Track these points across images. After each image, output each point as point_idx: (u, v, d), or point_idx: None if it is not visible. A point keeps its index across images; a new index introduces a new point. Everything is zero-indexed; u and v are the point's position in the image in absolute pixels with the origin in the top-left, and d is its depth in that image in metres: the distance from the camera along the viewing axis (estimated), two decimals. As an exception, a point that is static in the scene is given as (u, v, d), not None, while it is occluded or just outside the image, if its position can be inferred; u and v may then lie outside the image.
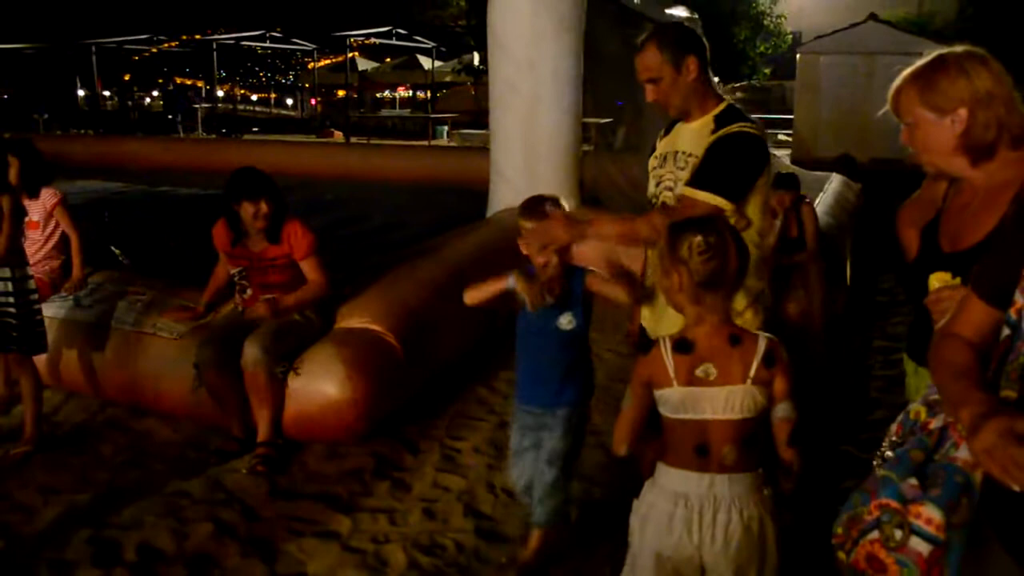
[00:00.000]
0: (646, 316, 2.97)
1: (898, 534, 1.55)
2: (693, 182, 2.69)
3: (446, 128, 23.66)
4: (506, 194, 6.85)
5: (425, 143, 20.46)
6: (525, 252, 2.92)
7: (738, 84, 22.69)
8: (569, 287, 2.89)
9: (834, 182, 9.46)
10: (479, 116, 24.62)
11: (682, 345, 2.14)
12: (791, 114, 17.29)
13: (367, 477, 3.85)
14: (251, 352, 3.92)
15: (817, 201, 7.40)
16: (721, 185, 2.65)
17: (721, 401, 2.12)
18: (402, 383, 4.37)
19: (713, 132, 2.73)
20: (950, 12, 23.75)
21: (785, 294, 5.88)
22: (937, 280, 2.00)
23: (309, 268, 4.22)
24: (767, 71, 25.17)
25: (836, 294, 6.23)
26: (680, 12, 10.33)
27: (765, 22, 23.95)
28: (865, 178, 10.63)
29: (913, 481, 1.57)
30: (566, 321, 2.91)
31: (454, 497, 3.68)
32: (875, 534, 1.59)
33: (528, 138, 6.69)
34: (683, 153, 2.80)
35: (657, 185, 2.89)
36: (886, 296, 7.17)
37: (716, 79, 3.01)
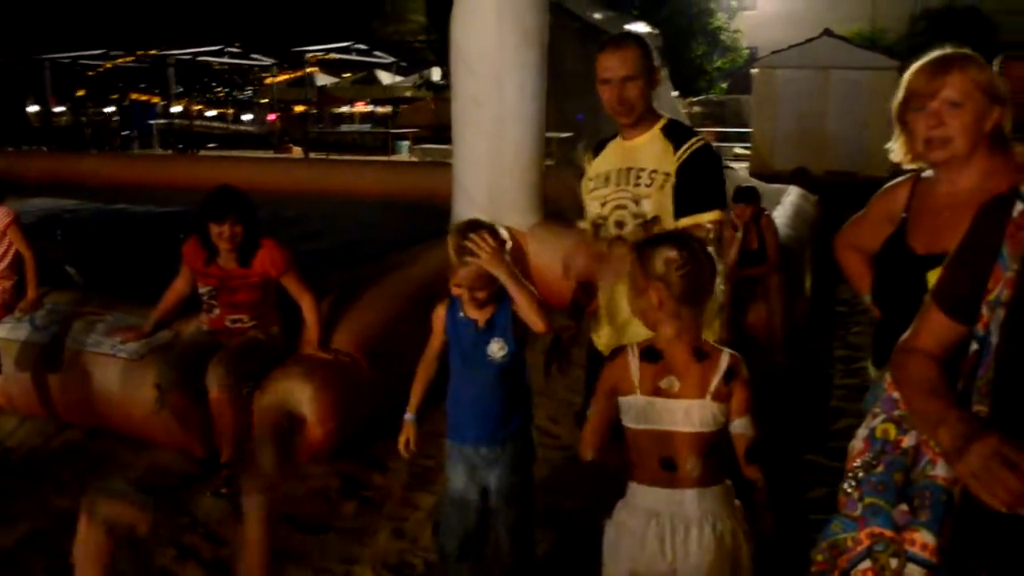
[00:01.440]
0: (603, 334, 2.94)
1: (894, 563, 1.54)
2: (695, 207, 2.71)
3: (407, 143, 23.61)
4: (469, 210, 6.80)
5: (386, 158, 20.38)
6: (458, 290, 2.66)
7: (695, 98, 22.92)
8: (497, 311, 2.69)
9: (791, 194, 9.57)
10: (439, 131, 24.56)
11: (650, 354, 2.16)
12: (747, 127, 17.53)
13: (334, 497, 3.81)
14: (216, 372, 3.86)
15: (776, 213, 7.47)
16: (717, 200, 2.76)
17: (681, 414, 2.13)
18: (369, 401, 4.32)
19: (677, 149, 2.73)
20: (902, 28, 24.24)
21: (747, 306, 5.93)
22: (935, 276, 2.02)
23: (292, 285, 4.18)
24: (724, 85, 25.48)
25: (797, 305, 6.29)
26: (641, 27, 10.42)
27: (722, 37, 24.26)
28: (821, 190, 10.78)
29: (903, 507, 1.56)
30: (497, 348, 2.68)
31: (424, 515, 3.65)
32: (867, 563, 1.57)
33: (492, 154, 6.67)
34: (642, 170, 2.77)
35: (603, 206, 2.84)
36: (845, 306, 7.26)
37: (676, 93, 3.04)
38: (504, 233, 2.64)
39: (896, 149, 2.25)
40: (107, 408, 4.35)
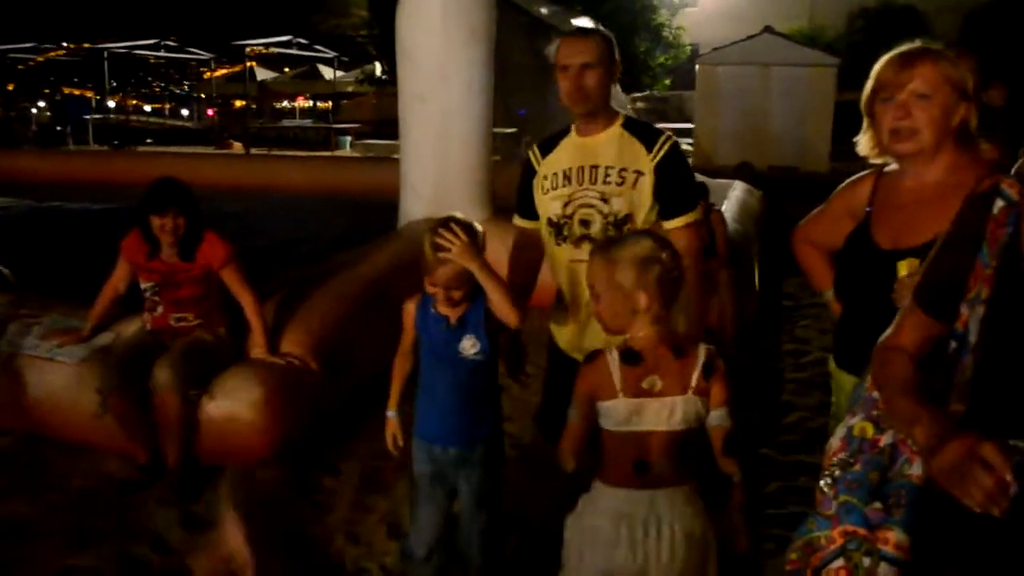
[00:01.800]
0: (565, 332, 2.90)
1: (866, 562, 1.53)
2: (680, 208, 2.74)
3: (349, 138, 23.37)
4: (416, 206, 6.75)
5: (328, 153, 20.13)
6: (433, 289, 2.59)
7: (639, 94, 23.06)
8: (469, 308, 2.63)
9: (736, 189, 9.65)
10: (382, 126, 24.38)
11: (630, 356, 2.12)
12: (690, 123, 17.67)
13: (285, 501, 3.72)
14: (161, 375, 3.73)
15: (723, 208, 7.52)
16: (695, 197, 2.82)
17: (665, 412, 2.11)
18: (320, 403, 4.23)
19: (649, 147, 2.71)
20: (840, 25, 24.70)
21: (697, 301, 5.95)
22: (907, 267, 2.01)
23: (233, 280, 4.05)
24: (667, 82, 25.68)
25: (746, 300, 6.33)
26: (587, 23, 10.38)
27: (664, 33, 24.43)
28: (764, 185, 10.90)
29: (877, 505, 1.55)
30: (469, 345, 2.60)
31: (378, 518, 3.57)
32: (840, 562, 1.56)
33: (439, 150, 6.60)
34: (610, 167, 2.73)
35: (565, 205, 2.78)
36: (791, 300, 7.35)
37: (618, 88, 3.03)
38: (478, 227, 2.59)
39: (863, 142, 2.24)
40: (45, 414, 4.19)
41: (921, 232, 2.05)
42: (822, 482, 1.69)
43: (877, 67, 2.14)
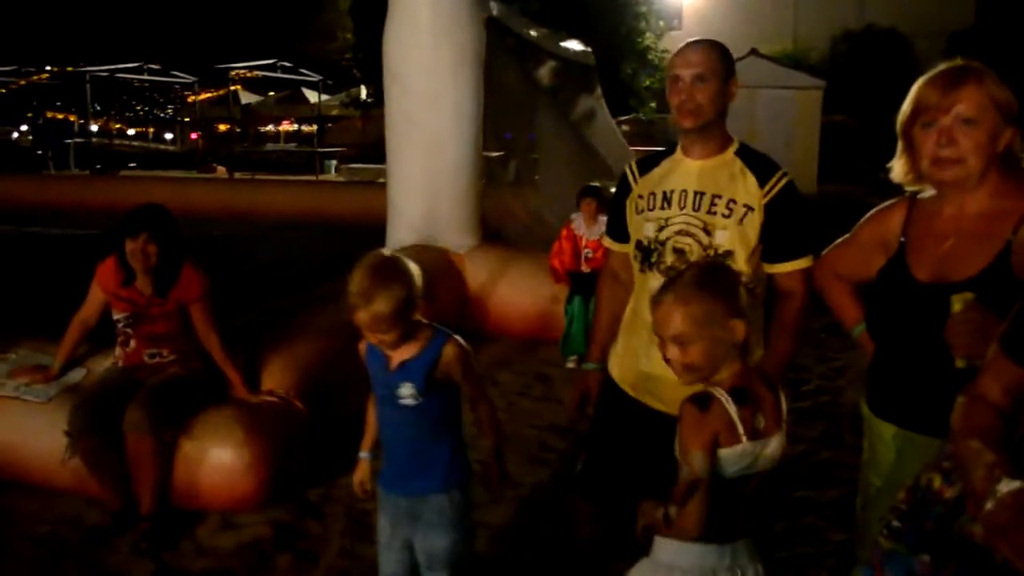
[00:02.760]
0: (630, 353, 2.61)
1: None
2: (791, 252, 2.48)
3: (334, 162, 23.27)
4: (404, 231, 6.59)
5: (313, 178, 20.02)
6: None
7: (625, 117, 23.04)
8: (416, 355, 2.38)
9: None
10: (367, 150, 24.28)
11: (740, 395, 1.89)
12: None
13: (267, 549, 3.49)
14: (134, 416, 3.52)
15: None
16: (813, 243, 2.53)
17: (773, 451, 1.92)
18: (305, 443, 4.03)
19: (763, 182, 2.46)
20: (824, 47, 24.89)
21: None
22: (961, 301, 1.82)
23: (201, 318, 3.85)
24: (652, 105, 25.66)
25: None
26: (576, 45, 10.31)
27: (650, 56, 24.45)
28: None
29: (925, 557, 1.40)
30: (407, 392, 2.37)
31: (366, 567, 3.36)
32: None
33: (428, 174, 6.45)
34: (718, 197, 2.47)
35: (660, 229, 2.52)
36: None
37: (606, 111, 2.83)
38: (413, 274, 2.37)
39: (897, 168, 2.07)
40: (11, 456, 3.95)
41: (967, 264, 1.88)
42: (882, 532, 1.54)
43: (916, 88, 1.97)
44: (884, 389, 2.11)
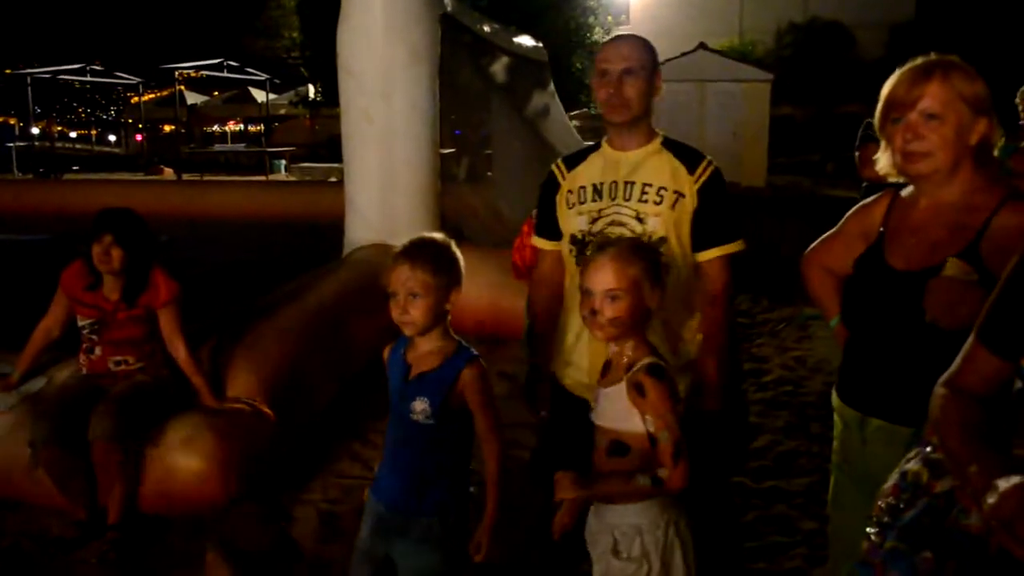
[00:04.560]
0: (572, 368, 2.68)
1: None
2: (720, 238, 2.55)
3: (284, 162, 23.01)
4: (362, 230, 6.55)
5: (262, 178, 19.76)
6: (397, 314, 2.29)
7: (575, 112, 23.09)
8: (437, 368, 2.31)
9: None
10: (317, 149, 24.05)
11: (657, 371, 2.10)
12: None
13: (238, 555, 3.46)
14: (100, 424, 3.46)
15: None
16: (739, 228, 2.60)
17: None
18: (273, 446, 3.98)
19: (691, 169, 2.52)
20: (770, 41, 25.23)
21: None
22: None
23: (168, 324, 3.79)
24: (603, 99, 25.77)
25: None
26: (528, 41, 10.31)
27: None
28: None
29: (927, 554, 1.42)
30: (419, 407, 2.28)
31: (339, 572, 3.34)
32: None
33: (385, 171, 6.41)
34: (648, 185, 2.52)
35: (593, 221, 2.56)
36: (746, 318, 7.28)
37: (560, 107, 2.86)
38: (456, 254, 2.36)
39: (882, 161, 2.12)
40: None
41: (938, 254, 1.93)
42: (870, 529, 1.56)
43: (887, 85, 2.02)
44: (854, 376, 2.15)
